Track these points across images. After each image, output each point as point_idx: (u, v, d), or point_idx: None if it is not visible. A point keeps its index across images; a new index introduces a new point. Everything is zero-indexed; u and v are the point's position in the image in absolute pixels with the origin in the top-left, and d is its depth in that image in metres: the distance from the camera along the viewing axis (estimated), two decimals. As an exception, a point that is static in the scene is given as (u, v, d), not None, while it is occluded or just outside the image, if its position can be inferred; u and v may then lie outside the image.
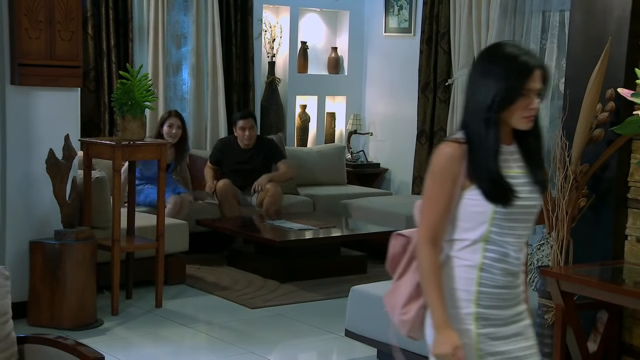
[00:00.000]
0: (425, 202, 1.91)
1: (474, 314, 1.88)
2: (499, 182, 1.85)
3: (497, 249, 1.88)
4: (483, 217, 1.86)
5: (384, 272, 5.66)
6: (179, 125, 5.32)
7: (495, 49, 1.89)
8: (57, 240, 3.93)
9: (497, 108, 1.84)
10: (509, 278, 1.90)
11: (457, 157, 1.86)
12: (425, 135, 6.46)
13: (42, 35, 3.98)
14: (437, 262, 1.89)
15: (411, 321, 1.97)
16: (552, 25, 5.81)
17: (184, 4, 6.23)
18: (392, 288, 2.04)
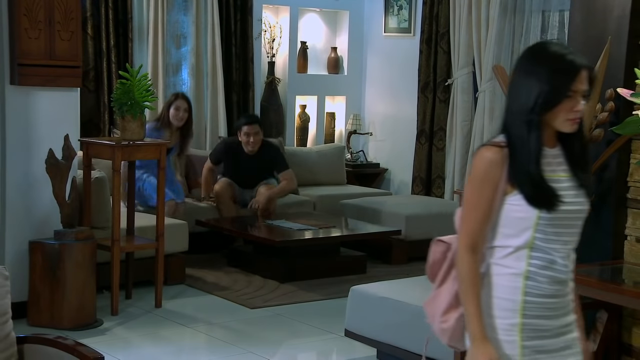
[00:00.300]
0: (465, 208, 1.84)
1: (520, 325, 1.79)
2: (541, 186, 1.77)
3: (543, 256, 1.80)
4: (526, 223, 1.79)
5: (383, 272, 5.70)
6: (186, 108, 5.24)
7: (540, 48, 1.82)
8: (56, 240, 3.93)
9: (540, 110, 1.76)
10: (557, 286, 1.82)
11: (498, 161, 1.78)
12: (425, 135, 6.46)
13: (41, 35, 3.98)
14: (477, 271, 1.82)
15: (451, 330, 1.91)
16: (552, 25, 5.82)
17: (184, 4, 6.23)
18: (432, 296, 1.98)
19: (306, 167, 6.32)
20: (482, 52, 6.01)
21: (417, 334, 3.33)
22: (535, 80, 1.76)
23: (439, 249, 1.99)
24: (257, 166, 5.52)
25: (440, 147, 6.40)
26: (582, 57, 1.79)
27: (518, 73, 1.81)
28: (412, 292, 3.49)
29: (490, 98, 6.04)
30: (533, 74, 1.77)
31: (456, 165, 6.27)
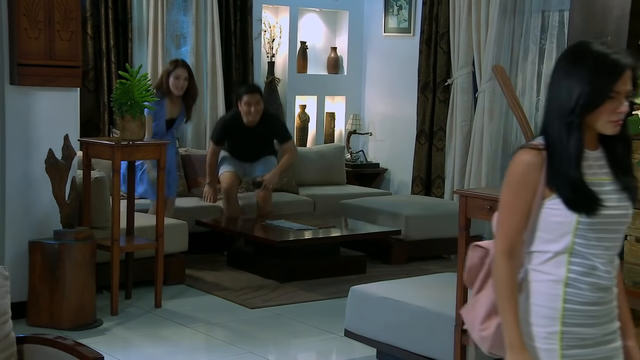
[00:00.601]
0: (502, 212, 1.78)
1: (559, 333, 1.73)
2: (581, 189, 1.71)
3: (583, 262, 1.74)
4: (566, 228, 1.73)
5: (383, 272, 5.70)
6: (186, 77, 5.07)
7: (582, 47, 1.74)
8: (56, 240, 3.93)
9: (580, 111, 1.69)
10: (599, 293, 1.75)
11: (537, 164, 1.73)
12: (424, 135, 6.46)
13: (41, 35, 3.98)
14: (514, 277, 1.77)
15: (492, 337, 1.85)
16: (552, 25, 5.81)
17: (184, 4, 6.23)
18: (471, 303, 1.93)
19: (306, 167, 6.31)
20: (482, 52, 6.01)
21: (417, 334, 3.33)
22: (577, 80, 1.70)
23: (476, 254, 1.94)
24: (259, 137, 5.44)
25: (440, 147, 6.40)
26: (628, 57, 1.71)
27: (558, 73, 1.74)
28: (411, 292, 3.49)
29: (490, 98, 6.03)
30: (574, 74, 1.70)
31: (456, 165, 6.27)
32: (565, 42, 5.14)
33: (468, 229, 3.12)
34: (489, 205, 2.98)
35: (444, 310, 3.24)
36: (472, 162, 6.15)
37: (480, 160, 6.11)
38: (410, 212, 5.47)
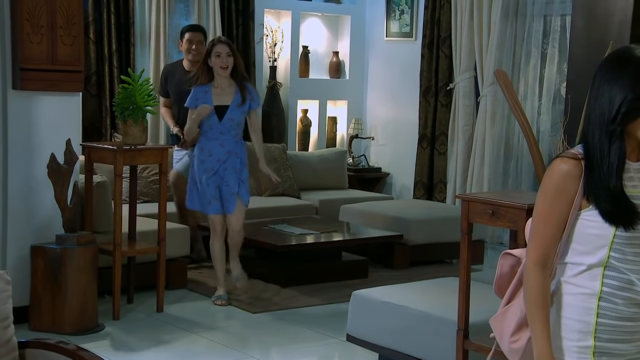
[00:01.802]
0: (536, 221, 1.73)
1: (593, 348, 1.69)
2: (621, 201, 1.65)
3: (619, 276, 1.68)
4: (602, 241, 1.68)
5: (385, 276, 5.68)
6: (229, 52, 4.27)
7: (623, 53, 1.68)
8: (58, 245, 3.93)
9: (622, 120, 1.63)
10: (635, 309, 1.69)
11: (574, 174, 1.67)
12: (426, 140, 6.46)
13: (43, 40, 3.99)
14: (547, 289, 1.71)
15: (522, 351, 1.80)
16: (554, 29, 5.82)
17: (185, 8, 6.24)
18: (501, 312, 1.87)
19: (308, 172, 6.32)
20: (484, 56, 6.01)
21: (419, 339, 3.32)
22: (618, 87, 1.64)
23: (507, 263, 1.90)
24: None
25: (442, 152, 6.40)
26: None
27: (600, 80, 1.68)
28: (414, 297, 3.49)
29: (492, 102, 6.04)
30: (615, 80, 1.65)
31: (458, 169, 6.27)
32: (567, 46, 5.13)
33: (470, 234, 3.11)
34: (491, 209, 2.98)
35: (446, 315, 3.23)
36: (474, 166, 6.15)
37: (482, 164, 6.10)
38: (412, 216, 5.47)
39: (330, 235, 5.10)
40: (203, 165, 4.31)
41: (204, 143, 4.33)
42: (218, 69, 4.26)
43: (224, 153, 4.31)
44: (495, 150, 6.08)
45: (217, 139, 4.29)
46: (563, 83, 5.62)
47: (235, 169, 4.33)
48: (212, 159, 4.30)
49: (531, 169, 5.85)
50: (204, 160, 4.31)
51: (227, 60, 4.24)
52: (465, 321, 3.10)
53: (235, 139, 4.34)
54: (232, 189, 4.32)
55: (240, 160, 4.35)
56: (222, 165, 4.31)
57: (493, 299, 1.93)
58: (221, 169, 4.31)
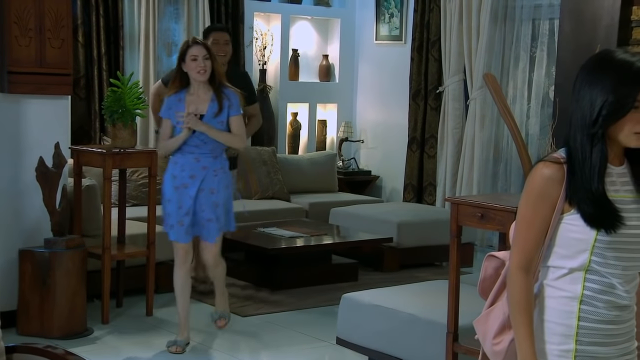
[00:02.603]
0: (519, 226, 1.73)
1: (574, 351, 1.69)
2: (602, 204, 1.64)
3: (600, 279, 1.69)
4: (583, 245, 1.67)
5: (375, 279, 5.66)
6: (206, 55, 3.68)
7: (604, 56, 1.68)
8: (47, 249, 3.92)
9: (604, 122, 1.63)
10: (616, 312, 1.70)
11: (557, 178, 1.67)
12: (416, 143, 6.48)
13: (32, 43, 3.97)
14: (530, 293, 1.72)
15: (504, 353, 1.80)
16: (542, 33, 5.86)
17: (175, 11, 6.24)
18: (484, 314, 1.88)
19: (298, 175, 6.32)
20: (473, 60, 6.04)
21: (409, 341, 3.33)
22: (599, 90, 1.63)
23: (491, 265, 1.90)
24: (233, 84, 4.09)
25: (432, 155, 6.42)
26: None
27: (580, 83, 1.68)
28: (403, 300, 3.49)
29: (481, 106, 6.06)
30: (596, 83, 1.64)
31: (447, 172, 6.29)
32: (555, 50, 5.17)
33: (459, 236, 3.12)
34: (480, 212, 2.99)
35: (436, 317, 3.24)
36: (463, 169, 6.17)
37: (472, 167, 6.13)
38: (402, 219, 5.48)
39: (320, 239, 5.10)
40: (174, 181, 3.70)
41: (178, 157, 3.73)
42: (194, 74, 3.66)
43: (199, 169, 3.68)
44: (484, 153, 6.10)
45: (192, 153, 3.70)
46: (551, 86, 5.66)
47: (211, 190, 3.68)
48: (185, 175, 3.69)
49: (520, 172, 5.87)
50: (175, 175, 3.71)
51: (204, 64, 3.65)
52: (455, 324, 3.11)
53: (214, 154, 3.70)
54: (207, 214, 3.68)
55: (219, 180, 3.70)
56: (194, 182, 3.66)
57: (482, 302, 1.94)
58: (193, 187, 3.66)
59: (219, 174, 3.72)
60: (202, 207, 3.70)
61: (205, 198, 3.69)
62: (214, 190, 3.70)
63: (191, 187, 3.68)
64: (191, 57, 3.66)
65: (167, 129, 3.75)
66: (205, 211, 3.70)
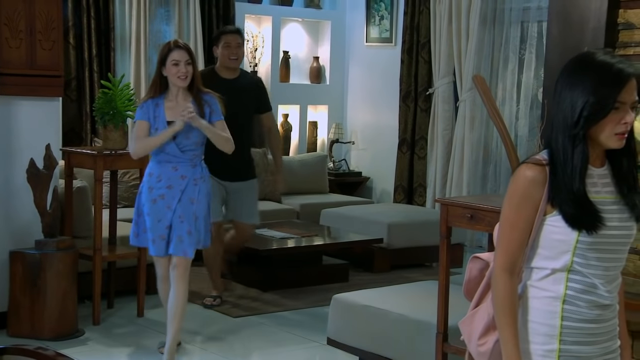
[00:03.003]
0: (502, 228, 1.74)
1: (557, 351, 1.70)
2: (583, 205, 1.65)
3: (582, 280, 1.70)
4: (565, 246, 1.69)
5: (365, 280, 5.68)
6: (188, 60, 3.51)
7: (584, 58, 1.69)
8: (37, 250, 3.91)
9: (585, 123, 1.63)
10: (598, 311, 1.71)
11: (539, 180, 1.68)
12: (406, 144, 6.51)
13: (22, 45, 3.97)
14: (514, 294, 1.73)
15: (489, 354, 1.81)
16: (531, 35, 5.90)
17: (166, 13, 6.24)
18: (469, 315, 1.89)
19: (289, 176, 6.32)
20: (463, 62, 6.08)
21: (399, 342, 3.35)
22: (579, 91, 1.64)
23: (475, 266, 1.92)
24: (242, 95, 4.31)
25: (422, 156, 6.46)
26: (631, 66, 1.66)
27: (562, 85, 1.69)
28: (394, 300, 3.51)
29: (470, 107, 6.10)
30: (576, 85, 1.65)
31: (437, 173, 6.32)
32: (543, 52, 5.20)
33: (449, 237, 3.15)
34: (470, 213, 3.01)
35: (426, 318, 3.26)
36: (453, 170, 6.20)
37: (462, 168, 6.16)
38: (392, 220, 5.51)
39: (311, 240, 5.12)
40: (151, 194, 3.49)
41: (153, 167, 3.53)
42: (175, 79, 3.48)
43: (177, 178, 3.48)
44: (474, 154, 6.14)
45: (169, 162, 3.49)
46: (540, 88, 5.70)
47: (191, 200, 3.48)
48: (161, 185, 3.48)
49: (509, 173, 5.91)
50: (152, 186, 3.50)
51: (186, 70, 3.47)
52: (445, 324, 3.13)
53: (193, 163, 3.52)
54: (186, 226, 3.45)
55: (200, 189, 3.50)
56: (172, 192, 3.47)
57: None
58: (172, 199, 3.46)
59: (199, 183, 3.52)
60: (181, 218, 3.46)
61: (185, 208, 3.46)
62: (194, 200, 3.48)
63: (169, 199, 3.46)
64: (172, 62, 3.48)
65: (143, 131, 3.50)
66: (184, 222, 3.46)
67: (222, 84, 4.18)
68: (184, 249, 3.48)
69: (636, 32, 3.12)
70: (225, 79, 4.36)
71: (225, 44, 4.35)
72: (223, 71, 4.39)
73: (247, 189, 4.48)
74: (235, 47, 4.36)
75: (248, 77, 4.51)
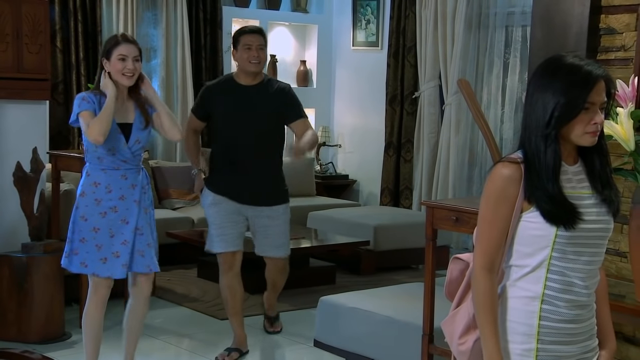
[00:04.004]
0: (481, 227, 1.76)
1: (535, 350, 1.72)
2: (560, 201, 1.69)
3: (561, 279, 1.72)
4: (544, 242, 1.71)
5: (352, 282, 5.69)
6: (137, 56, 3.14)
7: (555, 61, 1.72)
8: (24, 253, 3.91)
9: (556, 124, 1.68)
10: (577, 311, 1.73)
11: (515, 178, 1.71)
12: (392, 147, 6.55)
13: (9, 49, 3.97)
14: (494, 292, 1.75)
15: (469, 352, 1.83)
16: (515, 39, 5.96)
17: (153, 17, 6.25)
18: (450, 316, 1.91)
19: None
20: (448, 65, 6.13)
21: (385, 343, 3.38)
22: (551, 93, 1.68)
23: (456, 267, 1.94)
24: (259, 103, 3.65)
25: (408, 159, 6.50)
26: (600, 68, 1.70)
27: (533, 88, 1.73)
28: (380, 302, 3.54)
29: (456, 111, 6.15)
30: (548, 87, 1.69)
31: (424, 176, 6.37)
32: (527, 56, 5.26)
33: (435, 240, 3.18)
34: (455, 216, 3.05)
35: (412, 319, 3.29)
36: (439, 173, 6.25)
37: (447, 171, 6.21)
38: (378, 222, 5.54)
39: (298, 242, 5.14)
40: (99, 206, 3.11)
41: (98, 176, 3.13)
42: (119, 76, 3.09)
43: (127, 187, 3.13)
44: (459, 157, 6.19)
45: (117, 169, 3.12)
46: (524, 92, 5.75)
47: (145, 209, 3.18)
48: (113, 196, 3.12)
49: (495, 176, 5.95)
50: (100, 198, 3.11)
51: (133, 67, 3.11)
52: (430, 326, 3.16)
53: (138, 168, 3.19)
54: (146, 238, 3.16)
55: (149, 196, 3.21)
56: (128, 204, 3.13)
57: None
58: (124, 210, 3.12)
59: (147, 190, 3.21)
60: (140, 230, 3.14)
61: (142, 220, 3.14)
62: (148, 209, 3.19)
63: (123, 211, 3.12)
64: (119, 56, 3.08)
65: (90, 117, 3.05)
66: (143, 234, 3.15)
67: (237, 91, 3.64)
68: (147, 264, 3.17)
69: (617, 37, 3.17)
70: (242, 85, 3.65)
71: (245, 45, 3.63)
72: (241, 77, 3.66)
73: (274, 216, 3.77)
74: (256, 49, 3.64)
75: (273, 84, 3.73)
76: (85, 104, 3.09)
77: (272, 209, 3.77)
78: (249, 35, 3.67)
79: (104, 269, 3.13)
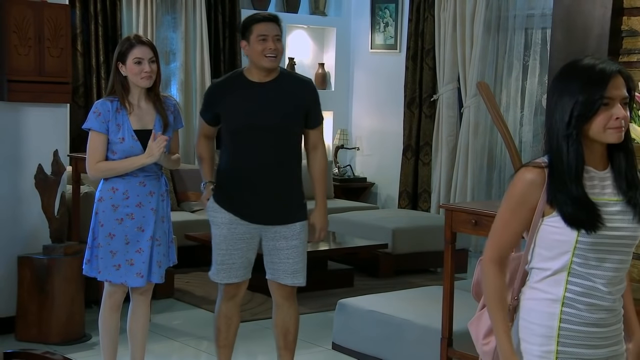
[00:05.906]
0: (497, 224, 1.79)
1: (555, 352, 1.72)
2: (582, 204, 1.68)
3: (582, 282, 1.71)
4: (565, 247, 1.71)
5: (370, 285, 5.67)
6: (152, 58, 3.04)
7: (570, 64, 1.75)
8: (45, 255, 3.95)
9: (577, 123, 1.69)
10: (600, 314, 1.72)
11: (538, 183, 1.72)
12: (411, 150, 6.53)
13: (31, 52, 4.02)
14: (503, 285, 1.78)
15: (492, 352, 1.84)
16: (535, 42, 5.92)
17: (173, 20, 6.29)
18: (476, 316, 1.93)
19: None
20: (467, 68, 6.10)
21: (404, 347, 3.37)
22: (568, 94, 1.70)
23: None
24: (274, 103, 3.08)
25: (426, 162, 6.48)
26: (614, 64, 1.71)
27: (552, 93, 1.75)
28: (398, 305, 3.53)
29: (475, 113, 6.12)
30: (566, 90, 1.71)
31: (442, 179, 6.34)
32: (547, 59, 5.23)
33: (454, 243, 3.17)
34: (474, 219, 3.04)
35: (431, 323, 3.28)
36: (457, 176, 6.22)
37: (466, 174, 6.18)
38: (397, 225, 5.52)
39: (316, 245, 5.14)
40: (116, 212, 3.04)
41: (116, 182, 3.05)
42: (137, 79, 2.99)
43: (145, 195, 3.05)
44: (478, 160, 6.16)
45: (136, 177, 3.04)
46: (544, 95, 5.72)
47: (162, 218, 3.10)
48: (130, 202, 3.04)
49: (514, 179, 5.92)
50: (117, 204, 3.04)
51: (150, 68, 2.99)
52: (449, 329, 3.15)
53: (157, 175, 3.10)
54: (163, 249, 3.10)
55: (167, 204, 3.13)
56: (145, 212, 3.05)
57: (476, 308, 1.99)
58: (140, 217, 3.04)
59: (165, 199, 3.12)
60: (158, 241, 3.08)
61: (160, 229, 3.08)
62: (165, 218, 3.11)
63: (140, 218, 3.05)
64: (134, 59, 2.98)
65: (101, 144, 3.01)
66: (161, 245, 3.09)
67: (247, 89, 3.09)
68: (161, 275, 3.12)
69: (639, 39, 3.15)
70: (254, 82, 3.10)
71: (260, 36, 3.03)
72: (253, 72, 3.12)
73: (289, 236, 3.29)
74: (273, 40, 3.03)
75: (290, 79, 3.18)
76: (97, 122, 3.00)
77: (289, 228, 3.26)
78: (264, 24, 3.03)
79: (117, 276, 3.09)
